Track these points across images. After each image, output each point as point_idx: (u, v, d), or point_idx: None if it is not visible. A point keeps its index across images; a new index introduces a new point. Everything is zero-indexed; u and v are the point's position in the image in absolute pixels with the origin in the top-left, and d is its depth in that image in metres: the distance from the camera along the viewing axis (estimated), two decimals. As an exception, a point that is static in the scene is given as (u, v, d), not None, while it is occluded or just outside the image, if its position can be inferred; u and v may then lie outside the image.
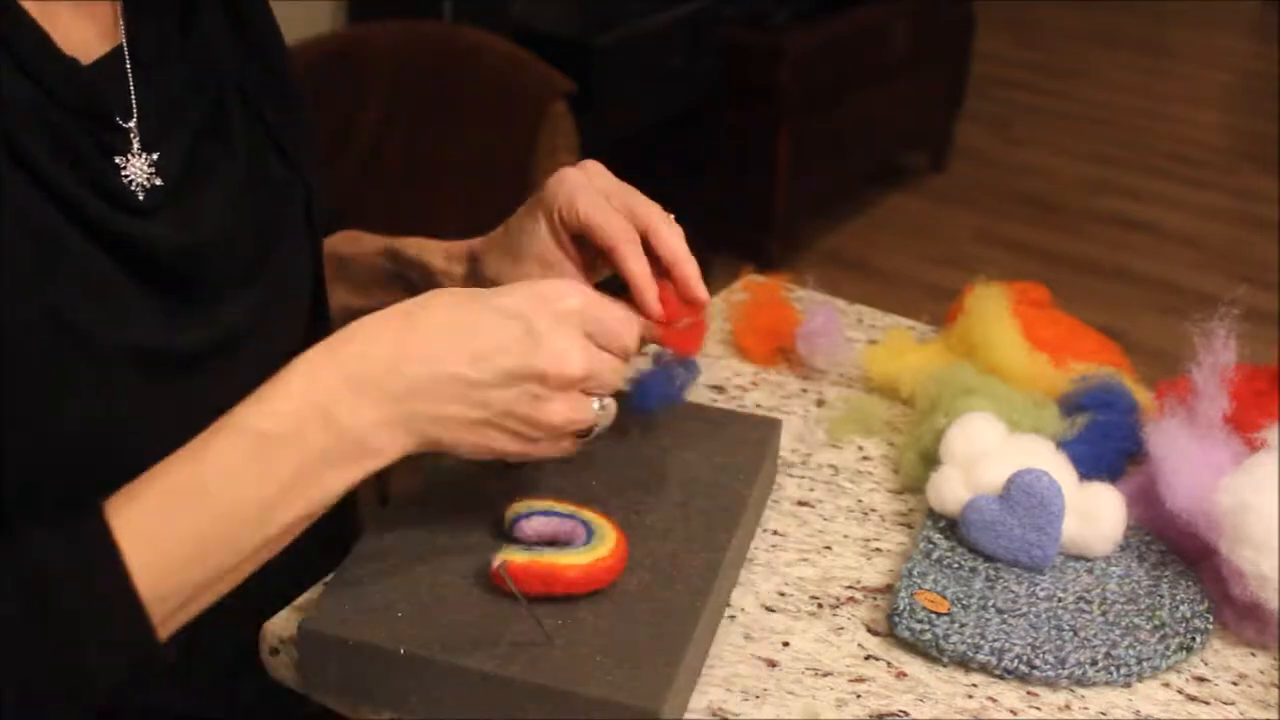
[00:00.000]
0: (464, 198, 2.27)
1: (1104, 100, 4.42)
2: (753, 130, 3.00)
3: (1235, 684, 0.75)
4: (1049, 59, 4.81)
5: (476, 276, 0.86)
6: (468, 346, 0.64)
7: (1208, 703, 0.74)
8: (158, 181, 0.73)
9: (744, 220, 3.12)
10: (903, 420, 0.98)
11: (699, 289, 0.80)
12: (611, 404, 0.73)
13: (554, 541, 0.73)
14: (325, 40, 2.28)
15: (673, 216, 0.82)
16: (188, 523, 0.61)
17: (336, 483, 0.63)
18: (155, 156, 0.73)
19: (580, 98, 2.23)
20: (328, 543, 0.75)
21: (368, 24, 2.38)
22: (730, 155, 3.01)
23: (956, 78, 3.66)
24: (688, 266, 0.80)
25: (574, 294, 0.66)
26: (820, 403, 1.01)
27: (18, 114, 0.65)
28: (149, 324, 0.71)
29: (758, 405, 1.00)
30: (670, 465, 0.83)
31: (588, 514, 0.75)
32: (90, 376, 0.67)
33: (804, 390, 1.03)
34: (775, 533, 0.86)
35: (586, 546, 0.72)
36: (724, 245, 3.11)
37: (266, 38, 0.84)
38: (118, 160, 0.72)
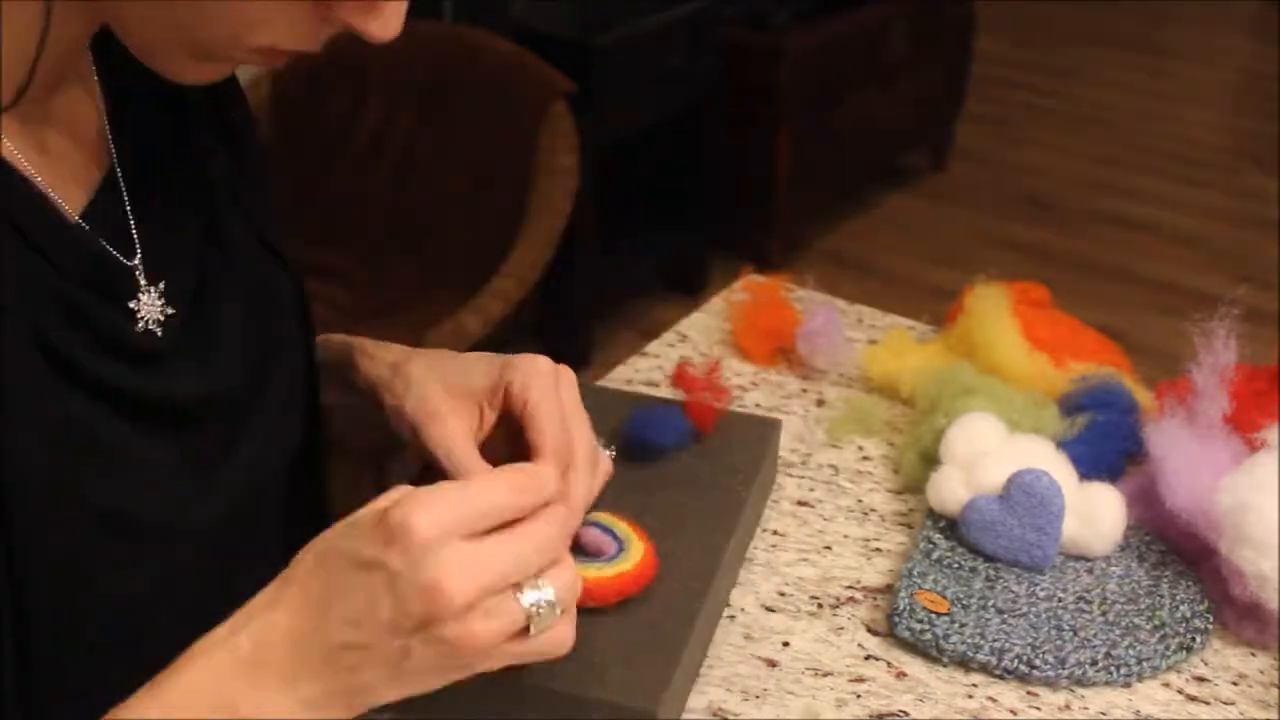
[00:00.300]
0: (464, 198, 2.27)
1: (1104, 100, 4.42)
2: (753, 130, 3.00)
3: (1235, 684, 0.75)
4: (1049, 59, 4.81)
5: (398, 376, 0.81)
6: (341, 612, 0.57)
7: (1208, 703, 0.74)
8: (170, 311, 0.70)
9: (744, 220, 3.12)
10: (903, 420, 0.98)
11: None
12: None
13: (582, 550, 0.73)
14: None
15: (609, 455, 0.78)
16: None
17: None
18: (162, 286, 0.70)
19: (580, 98, 2.23)
20: None
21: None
22: (730, 156, 3.01)
23: (956, 78, 3.66)
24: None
25: (421, 515, 0.56)
26: (820, 403, 1.01)
27: (34, 294, 0.62)
28: (178, 487, 0.69)
29: (757, 405, 1.00)
30: (669, 465, 0.83)
31: (618, 523, 0.75)
32: (121, 554, 0.65)
33: (804, 390, 1.03)
34: (775, 533, 0.86)
35: (615, 559, 0.72)
36: (724, 245, 3.11)
37: (247, 134, 0.80)
38: (130, 305, 0.68)
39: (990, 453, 0.84)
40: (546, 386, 0.74)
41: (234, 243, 0.76)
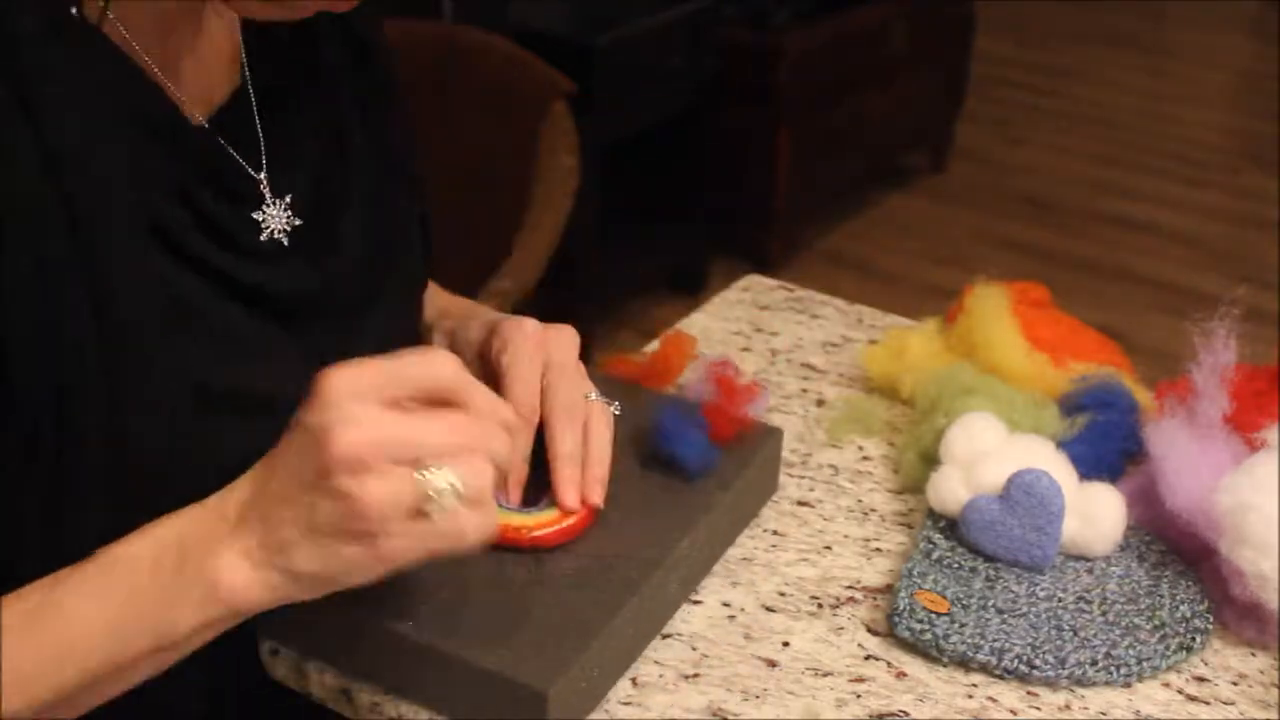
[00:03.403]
0: (464, 198, 2.27)
1: (1104, 100, 4.42)
2: (753, 130, 3.00)
3: (1235, 684, 0.75)
4: (1049, 59, 4.81)
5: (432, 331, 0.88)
6: (274, 469, 0.61)
7: (1208, 703, 0.74)
8: (297, 222, 0.75)
9: (744, 220, 3.12)
10: (903, 420, 0.98)
11: (566, 495, 0.75)
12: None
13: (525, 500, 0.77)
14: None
15: (614, 409, 0.80)
16: (40, 636, 0.61)
17: (187, 618, 0.61)
18: (289, 199, 0.75)
19: (580, 98, 2.23)
20: None
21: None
22: (730, 155, 3.01)
23: (956, 78, 3.66)
24: (564, 468, 0.76)
25: (337, 376, 0.59)
26: (820, 403, 1.01)
27: (156, 186, 0.67)
28: (288, 367, 0.72)
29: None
30: (654, 462, 0.83)
31: None
32: (240, 434, 0.68)
33: (804, 390, 1.03)
34: (775, 533, 0.86)
35: (551, 505, 0.76)
36: (724, 245, 3.12)
37: (382, 59, 0.84)
38: (254, 216, 0.73)
39: (990, 453, 0.84)
40: (524, 349, 0.77)
41: (358, 159, 0.80)
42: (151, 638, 0.61)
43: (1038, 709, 0.73)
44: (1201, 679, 0.76)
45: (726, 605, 0.80)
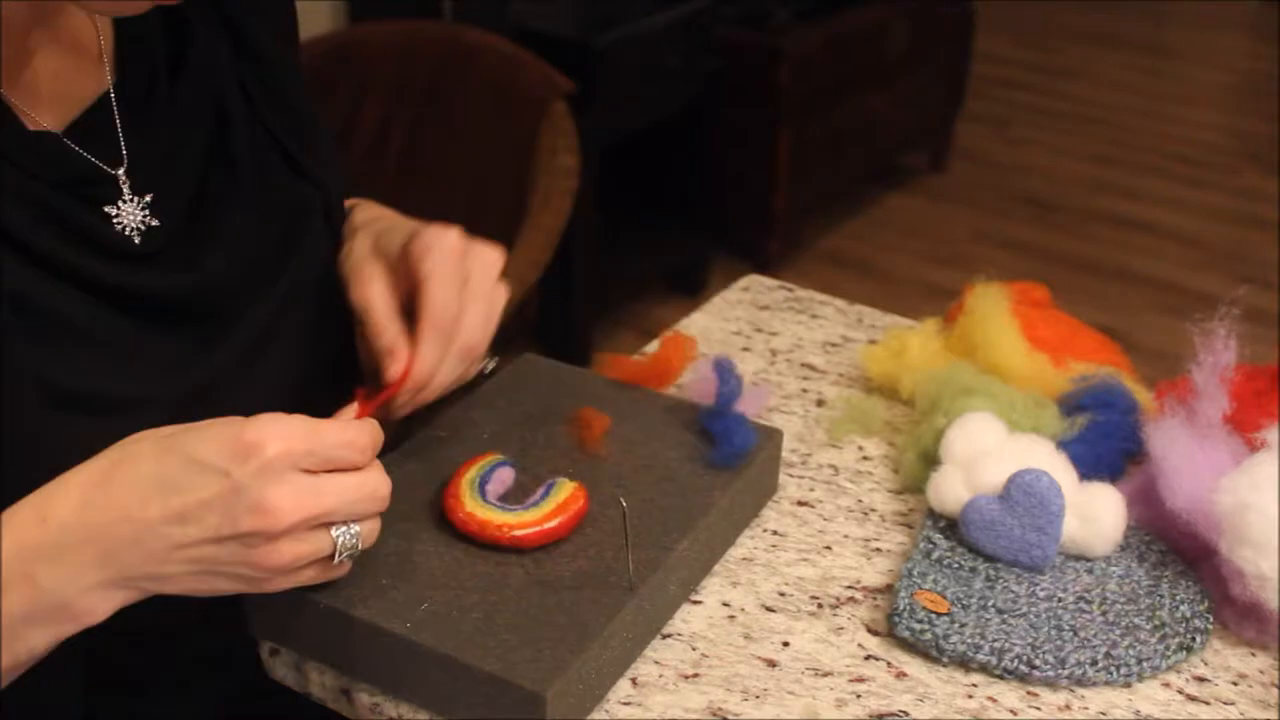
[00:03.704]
0: (464, 197, 2.27)
1: (1104, 100, 4.42)
2: (753, 130, 3.00)
3: (1235, 684, 0.75)
4: (1049, 59, 4.81)
5: (351, 238, 0.84)
6: (170, 504, 0.60)
7: (1208, 703, 0.74)
8: (154, 222, 0.74)
9: (744, 220, 3.12)
10: (903, 420, 0.98)
11: (400, 411, 0.76)
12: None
13: (501, 496, 0.78)
14: (325, 40, 2.28)
15: (489, 364, 0.80)
16: None
17: (40, 640, 0.61)
18: (149, 198, 0.74)
19: (580, 98, 2.23)
20: None
21: (368, 24, 2.38)
22: (730, 155, 3.01)
23: (956, 78, 3.66)
24: (417, 392, 0.75)
25: (274, 438, 0.60)
26: (820, 403, 1.01)
27: (2, 195, 0.67)
28: (158, 369, 0.73)
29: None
30: (652, 462, 0.83)
31: (564, 483, 0.78)
32: (94, 435, 0.67)
33: (804, 390, 1.03)
34: (775, 533, 0.86)
35: (536, 505, 0.76)
36: (724, 245, 3.12)
37: (264, 40, 0.83)
38: (108, 209, 0.72)
39: (990, 453, 0.84)
40: (445, 258, 0.75)
41: (245, 156, 0.79)
42: (9, 658, 0.61)
43: (1038, 709, 0.73)
44: (1201, 679, 0.76)
45: (726, 605, 0.80)
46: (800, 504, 0.89)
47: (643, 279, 2.98)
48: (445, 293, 0.74)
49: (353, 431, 0.63)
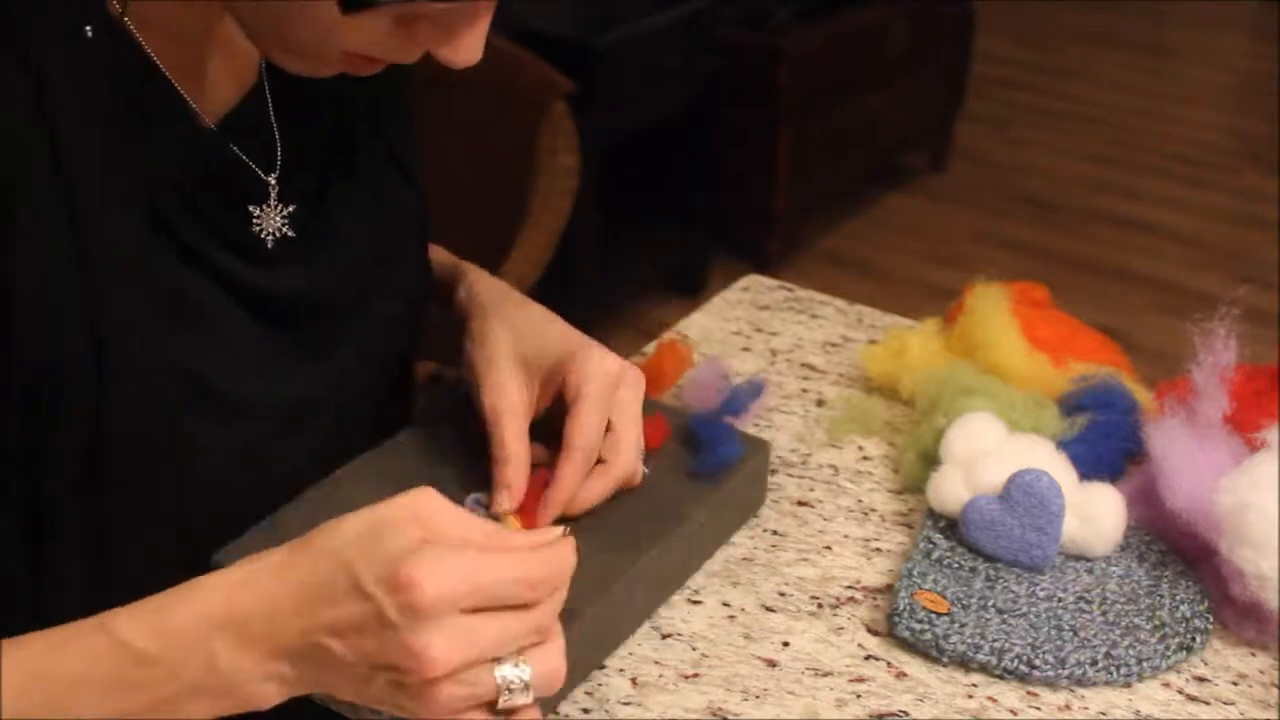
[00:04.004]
0: (464, 198, 2.27)
1: (1104, 100, 4.42)
2: (753, 130, 3.00)
3: (1235, 684, 0.75)
4: (1049, 59, 4.81)
5: (484, 324, 0.83)
6: (329, 619, 0.57)
7: (1208, 703, 0.74)
8: (289, 233, 0.75)
9: (744, 220, 3.12)
10: (903, 420, 0.98)
11: (541, 521, 0.76)
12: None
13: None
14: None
15: (643, 472, 0.80)
16: (32, 711, 0.58)
17: (202, 712, 0.59)
18: (291, 209, 0.75)
19: (580, 98, 2.22)
20: None
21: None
22: (730, 155, 3.01)
23: (956, 78, 3.66)
24: (560, 507, 0.76)
25: (432, 579, 0.56)
26: (820, 403, 1.01)
27: (156, 182, 0.68)
28: (273, 371, 0.74)
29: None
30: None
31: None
32: (214, 427, 0.70)
33: (804, 390, 1.03)
34: (775, 533, 0.86)
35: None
36: (724, 245, 3.11)
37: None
38: (251, 209, 0.74)
39: (990, 453, 0.84)
40: (600, 386, 0.76)
41: (363, 156, 0.81)
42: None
43: (1038, 709, 0.73)
44: (1201, 679, 0.76)
45: (726, 605, 0.80)
46: (800, 504, 0.89)
47: (643, 279, 2.98)
48: (595, 420, 0.75)
49: (525, 567, 0.59)
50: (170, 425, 0.68)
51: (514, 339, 0.80)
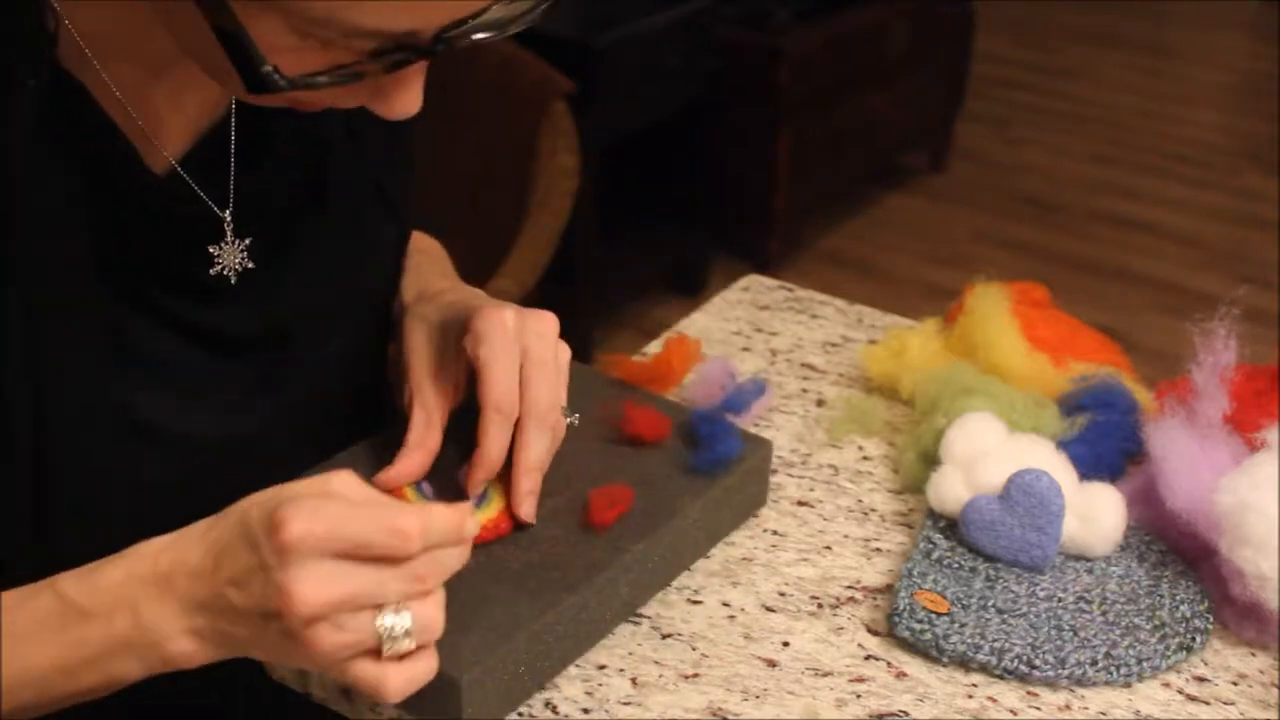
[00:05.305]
0: (464, 198, 2.27)
1: (1104, 100, 4.41)
2: (753, 130, 3.00)
3: (1235, 684, 0.75)
4: (1049, 59, 4.81)
5: (408, 317, 0.84)
6: (229, 573, 0.60)
7: (1208, 703, 0.74)
8: (250, 265, 0.75)
9: (744, 220, 3.12)
10: (903, 420, 0.98)
11: (522, 507, 0.76)
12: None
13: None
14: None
15: (571, 422, 0.80)
16: None
17: (133, 670, 0.63)
18: (248, 241, 0.75)
19: (580, 98, 2.23)
20: None
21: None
22: (730, 155, 3.01)
23: (956, 78, 3.66)
24: (524, 480, 0.76)
25: (298, 519, 0.58)
26: (820, 403, 1.01)
27: (105, 228, 0.68)
28: (225, 404, 0.75)
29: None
30: (631, 466, 0.82)
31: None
32: (157, 463, 0.71)
33: (804, 390, 1.03)
34: (775, 533, 0.86)
35: (485, 504, 0.76)
36: (724, 245, 3.11)
37: None
38: (210, 250, 0.73)
39: (990, 453, 0.84)
40: (497, 345, 0.76)
41: (340, 191, 0.80)
42: (98, 678, 0.63)
43: (1038, 709, 0.73)
44: (1201, 679, 0.76)
45: (726, 605, 0.80)
46: (800, 504, 0.89)
47: (643, 279, 2.98)
48: (504, 378, 0.75)
49: (396, 517, 0.59)
50: (112, 461, 0.69)
51: (426, 331, 0.81)
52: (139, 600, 0.61)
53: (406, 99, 0.62)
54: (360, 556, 0.59)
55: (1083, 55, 4.84)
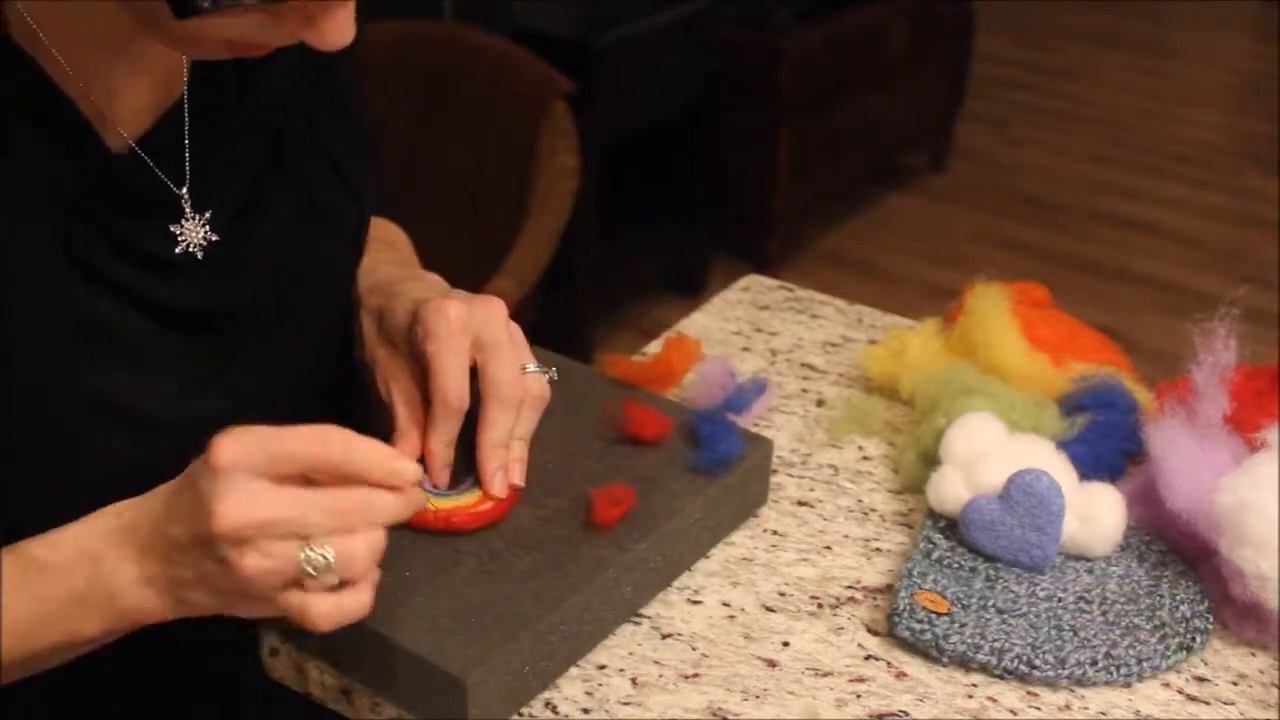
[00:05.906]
0: (464, 198, 2.27)
1: (1104, 100, 4.42)
2: (753, 130, 3.00)
3: (1235, 684, 0.75)
4: (1049, 59, 4.81)
5: (363, 313, 0.85)
6: (173, 508, 0.62)
7: (1208, 703, 0.74)
8: (214, 237, 0.75)
9: (743, 220, 3.12)
10: (903, 420, 0.98)
11: (492, 483, 0.76)
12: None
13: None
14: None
15: (549, 377, 0.79)
16: None
17: (92, 627, 0.63)
18: (209, 215, 0.75)
19: (580, 98, 2.23)
20: None
21: (368, 24, 2.37)
22: (730, 155, 3.01)
23: (956, 78, 3.66)
24: (491, 458, 0.76)
25: (227, 445, 0.59)
26: (820, 403, 1.01)
27: (66, 207, 0.68)
28: (195, 380, 0.75)
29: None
30: (632, 465, 0.82)
31: None
32: (123, 443, 0.71)
33: (804, 390, 1.03)
34: (775, 533, 0.86)
35: (466, 491, 0.76)
36: (724, 245, 3.12)
37: (337, 67, 0.83)
38: (173, 229, 0.74)
39: (990, 453, 0.84)
40: (445, 334, 0.76)
41: (298, 169, 0.80)
42: (58, 637, 0.63)
43: (1038, 709, 0.73)
44: (1201, 679, 0.76)
45: (726, 605, 0.80)
46: (800, 504, 0.89)
47: (643, 279, 2.98)
48: (448, 371, 0.75)
49: (321, 440, 0.61)
50: (81, 441, 0.69)
51: (376, 328, 0.81)
52: (99, 551, 0.62)
53: (337, 27, 0.62)
54: (289, 476, 0.60)
55: (1083, 55, 4.85)
